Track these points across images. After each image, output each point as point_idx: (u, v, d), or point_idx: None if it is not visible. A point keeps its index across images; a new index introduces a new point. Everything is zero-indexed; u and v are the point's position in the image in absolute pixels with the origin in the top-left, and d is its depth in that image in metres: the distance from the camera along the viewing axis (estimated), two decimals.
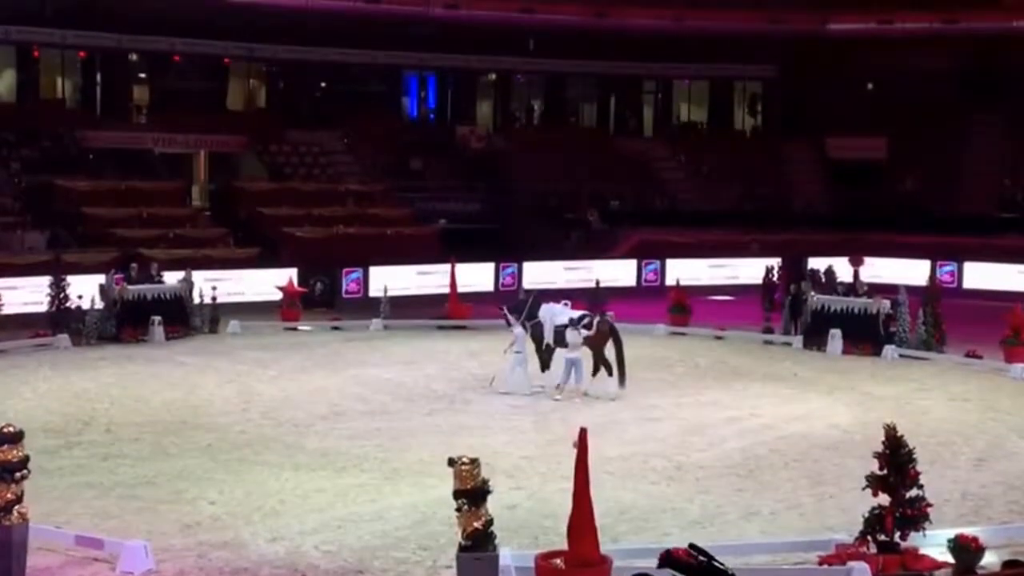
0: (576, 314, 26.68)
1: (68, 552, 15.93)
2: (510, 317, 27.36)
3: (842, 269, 39.83)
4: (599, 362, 26.49)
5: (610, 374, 26.43)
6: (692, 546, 9.97)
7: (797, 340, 33.74)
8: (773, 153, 57.57)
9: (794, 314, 34.66)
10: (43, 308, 33.36)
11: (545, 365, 26.96)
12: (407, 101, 58.58)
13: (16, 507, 14.72)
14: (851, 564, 15.04)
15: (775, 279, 39.62)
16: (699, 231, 49.81)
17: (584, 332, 25.94)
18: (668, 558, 9.72)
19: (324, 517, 17.68)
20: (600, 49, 55.36)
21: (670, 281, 42.39)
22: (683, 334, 35.39)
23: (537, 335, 26.98)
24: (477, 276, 42.70)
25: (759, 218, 51.73)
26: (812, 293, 34.16)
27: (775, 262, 41.12)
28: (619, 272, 45.75)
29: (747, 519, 17.94)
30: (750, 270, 43.97)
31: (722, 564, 9.70)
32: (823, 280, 36.84)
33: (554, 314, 26.83)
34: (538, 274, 44.27)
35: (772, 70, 59.43)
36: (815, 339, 33.23)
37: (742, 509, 18.38)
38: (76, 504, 18.14)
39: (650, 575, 9.68)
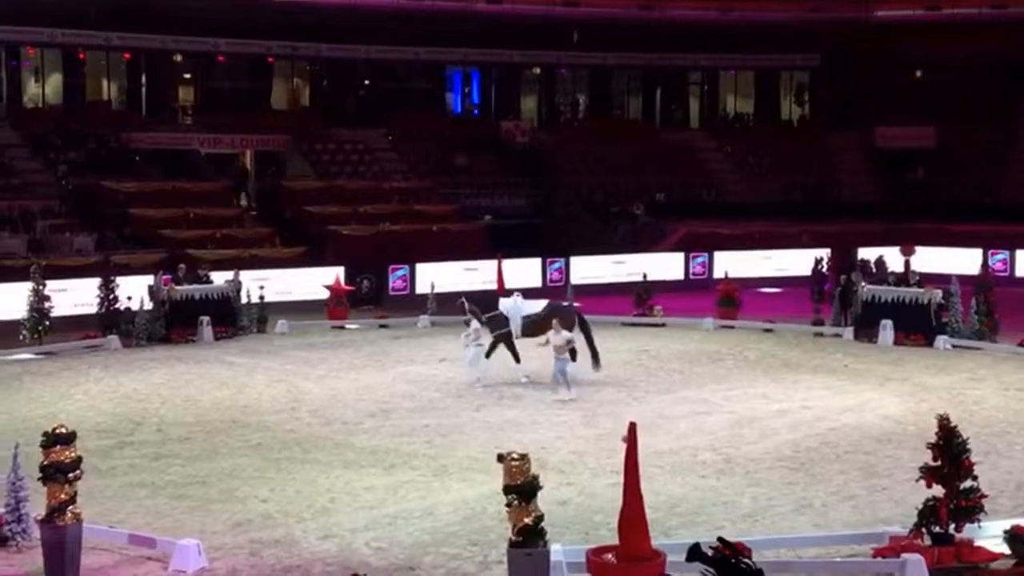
0: (538, 307, 27.40)
1: (121, 551, 16.12)
2: (475, 311, 27.49)
3: (893, 259, 39.64)
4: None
5: (573, 359, 26.28)
6: (721, 540, 9.96)
7: (848, 331, 33.60)
8: (820, 143, 57.30)
9: (844, 305, 34.52)
10: (93, 310, 33.71)
11: (516, 358, 27.62)
12: (451, 97, 58.72)
13: (70, 507, 14.93)
14: (905, 556, 14.97)
15: (825, 270, 39.45)
16: (747, 223, 49.66)
17: (566, 333, 25.88)
18: (695, 553, 9.73)
19: (374, 514, 17.79)
20: (645, 41, 55.30)
21: (718, 274, 42.32)
22: (732, 327, 35.29)
23: (498, 328, 27.52)
24: (524, 272, 42.69)
25: (807, 209, 51.50)
26: (862, 283, 34.00)
27: (824, 253, 40.96)
28: (666, 265, 45.64)
29: (799, 512, 17.90)
30: (799, 261, 43.76)
31: (750, 562, 9.68)
32: (873, 270, 36.68)
33: (518, 308, 27.49)
34: (585, 269, 44.27)
35: (819, 59, 59.13)
36: (866, 330, 33.06)
37: (794, 502, 18.34)
38: (129, 504, 18.34)
39: (703, 549, 9.69)
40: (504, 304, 27.82)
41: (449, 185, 50.60)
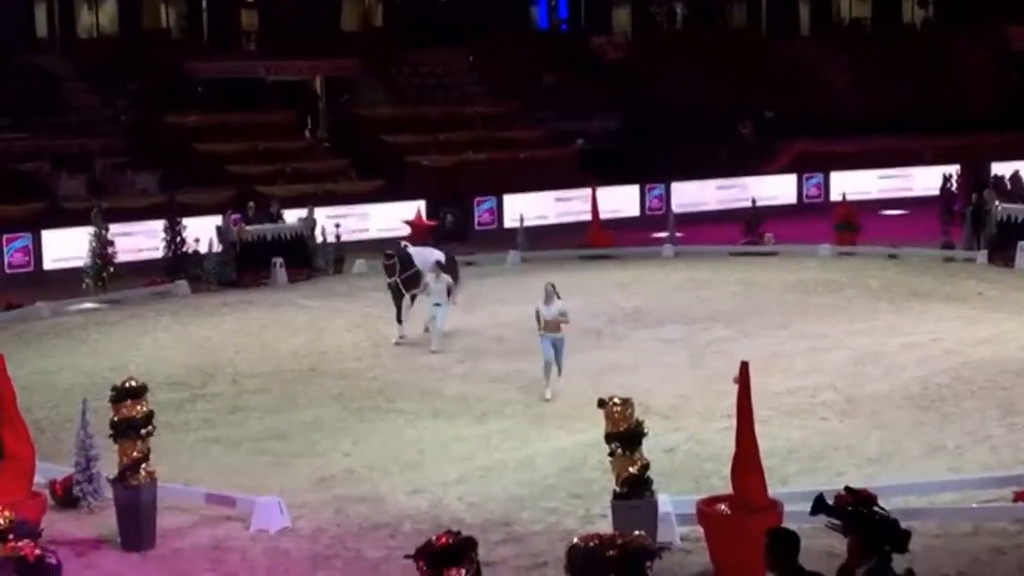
0: (440, 255, 26.47)
1: (199, 511, 16.43)
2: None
3: None
4: None
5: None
6: (847, 489, 9.91)
7: (981, 255, 33.18)
8: (947, 48, 56.23)
9: (977, 226, 34.05)
10: (159, 254, 34.18)
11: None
12: (536, 12, 58.37)
13: (143, 465, 15.24)
14: None
15: (954, 189, 38.90)
16: (866, 139, 48.95)
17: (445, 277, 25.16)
18: (820, 504, 9.69)
19: (466, 467, 17.95)
20: None
21: (835, 196, 41.92)
22: (852, 254, 34.98)
23: (414, 282, 26.15)
24: (621, 200, 42.56)
25: (933, 121, 50.61)
26: (996, 202, 33.52)
27: (953, 170, 40.32)
28: (777, 188, 45.24)
29: (930, 455, 17.80)
30: (925, 180, 43.19)
31: (884, 511, 9.63)
32: (1008, 187, 36.08)
33: (425, 257, 26.40)
34: (687, 195, 44.02)
35: None
36: (1001, 253, 32.65)
37: (924, 444, 18.23)
38: (204, 460, 18.68)
39: (826, 500, 9.65)
40: (416, 258, 26.68)
41: (536, 108, 50.39)
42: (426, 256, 26.23)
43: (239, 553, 15.05)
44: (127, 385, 15.40)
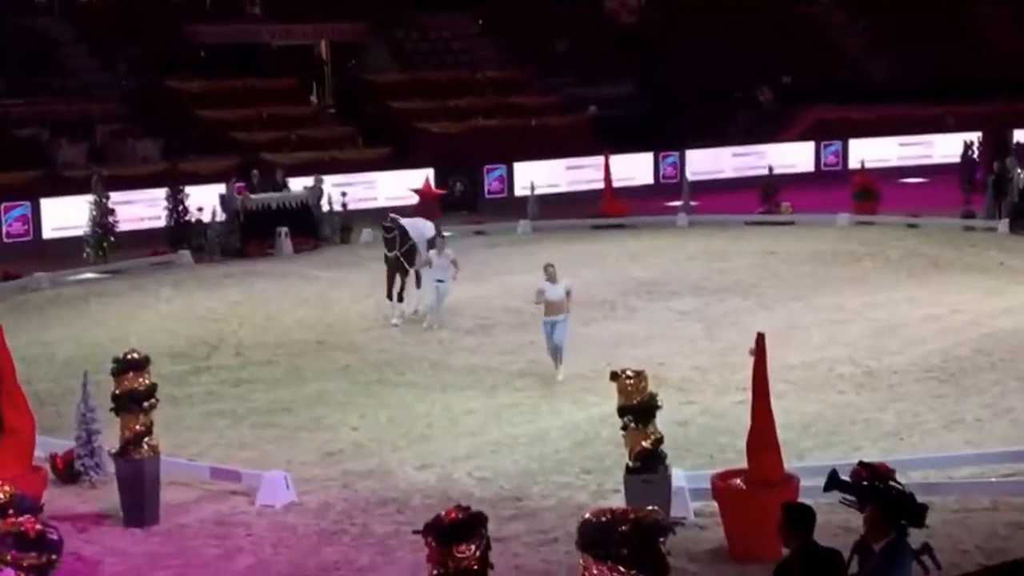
0: (431, 229, 25.82)
1: (203, 485, 16.50)
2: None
3: None
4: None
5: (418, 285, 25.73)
6: (862, 464, 9.94)
7: (1003, 224, 33.14)
8: (969, 13, 56.00)
9: (998, 195, 34.01)
10: (161, 223, 34.23)
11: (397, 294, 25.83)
12: None
13: (146, 439, 15.28)
14: None
15: (975, 156, 38.85)
16: (885, 106, 48.82)
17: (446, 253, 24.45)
18: (834, 480, 9.73)
19: (476, 441, 17.99)
20: None
21: (854, 164, 41.81)
22: (870, 224, 34.94)
23: (412, 257, 25.57)
24: (634, 168, 42.57)
25: (954, 88, 50.48)
26: (1019, 170, 33.45)
27: (975, 137, 40.28)
28: (795, 156, 45.23)
29: (949, 428, 17.81)
30: (946, 147, 43.12)
31: (899, 484, 9.66)
32: None
33: (419, 230, 25.81)
34: (702, 163, 43.97)
35: None
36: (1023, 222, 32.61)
37: (943, 417, 18.25)
38: (209, 434, 18.74)
39: (840, 476, 9.68)
40: (411, 231, 25.95)
41: (548, 74, 50.27)
42: (419, 229, 25.84)
43: (244, 528, 15.11)
44: (129, 357, 15.43)
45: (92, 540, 14.86)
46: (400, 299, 25.42)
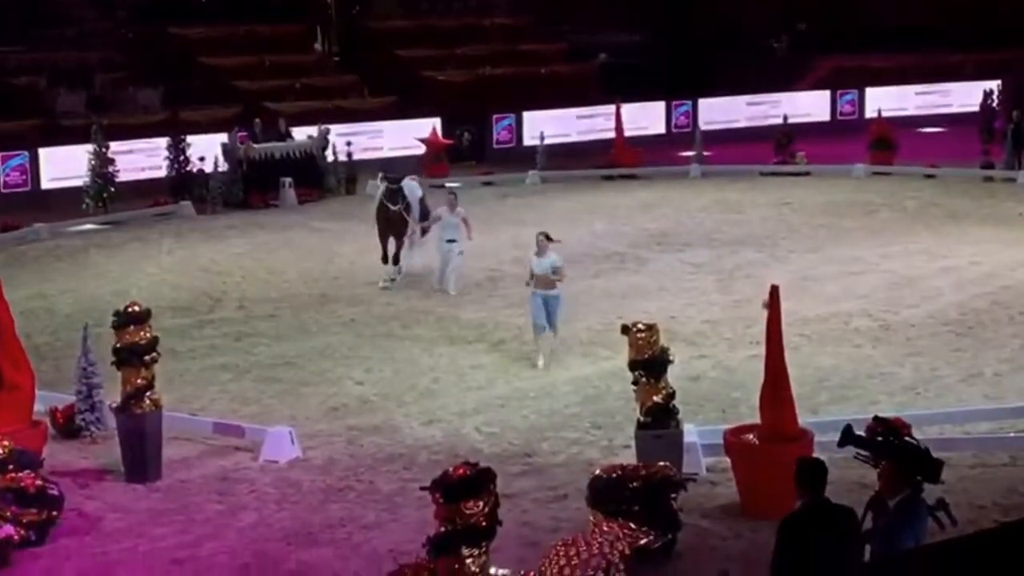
0: (419, 188, 24.92)
1: (206, 441, 16.52)
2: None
3: None
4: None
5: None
6: (877, 418, 9.94)
7: (1022, 175, 33.08)
8: None
9: (1017, 145, 33.92)
10: (162, 173, 34.19)
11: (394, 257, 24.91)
12: None
13: (147, 393, 15.29)
14: None
15: (995, 105, 38.64)
16: (903, 54, 48.60)
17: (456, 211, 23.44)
18: (848, 435, 9.72)
19: (484, 396, 18.00)
20: None
21: (870, 113, 41.63)
22: (887, 174, 34.86)
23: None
24: (646, 117, 42.40)
25: (973, 35, 50.18)
26: None
27: (994, 85, 40.04)
28: (810, 105, 45.04)
29: (967, 382, 17.80)
30: (964, 96, 42.89)
31: (914, 440, 9.65)
32: None
33: (411, 188, 24.96)
34: (715, 112, 43.81)
35: None
36: None
37: (961, 371, 18.24)
38: (211, 389, 18.76)
39: (855, 431, 9.68)
40: (406, 190, 25.04)
41: (557, 20, 50.05)
42: (412, 189, 25.04)
43: (248, 485, 15.13)
44: (130, 310, 15.42)
45: (93, 496, 14.89)
46: (396, 261, 24.74)
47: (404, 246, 24.76)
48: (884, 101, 41.84)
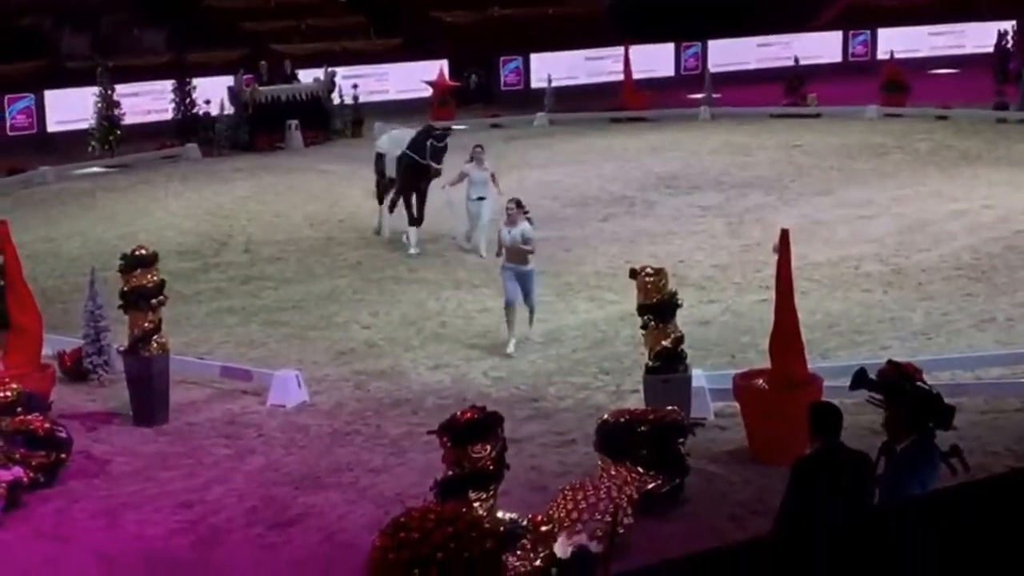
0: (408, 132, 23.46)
1: (213, 384, 16.59)
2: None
3: None
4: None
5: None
6: (891, 362, 9.93)
7: None
8: None
9: None
10: (168, 116, 34.14)
11: (393, 205, 23.83)
12: None
13: (155, 337, 15.34)
14: None
15: (1009, 46, 38.46)
16: None
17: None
18: (861, 378, 9.71)
19: (491, 340, 18.01)
20: None
21: (882, 54, 41.44)
22: (899, 116, 34.72)
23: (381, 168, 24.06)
24: (655, 59, 42.21)
25: None
26: None
27: (1008, 26, 39.82)
28: (822, 46, 44.79)
29: (979, 328, 17.79)
30: (978, 37, 42.67)
31: (926, 385, 9.65)
32: None
33: (396, 140, 23.78)
34: (725, 53, 43.61)
35: None
36: None
37: (973, 316, 18.22)
38: (218, 332, 18.82)
39: (868, 375, 9.68)
40: (382, 140, 24.42)
41: None
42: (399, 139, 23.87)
43: (255, 429, 15.20)
44: (137, 253, 15.45)
45: (101, 439, 14.97)
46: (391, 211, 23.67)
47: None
48: (897, 42, 41.63)
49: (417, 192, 23.05)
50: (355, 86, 35.61)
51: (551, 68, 38.95)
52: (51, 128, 35.02)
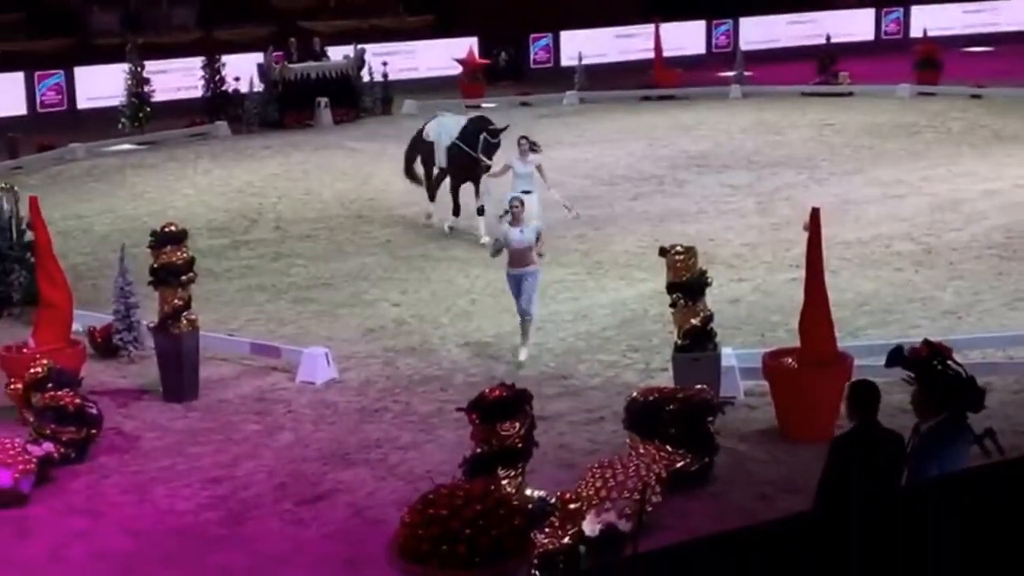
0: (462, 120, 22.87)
1: (243, 361, 16.67)
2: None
3: None
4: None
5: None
6: (927, 342, 9.92)
7: None
8: None
9: None
10: (197, 93, 34.23)
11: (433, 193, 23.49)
12: None
13: (184, 313, 15.41)
14: None
15: None
16: None
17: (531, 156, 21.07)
18: (897, 356, 9.71)
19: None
20: None
21: (916, 32, 41.29)
22: (932, 94, 34.57)
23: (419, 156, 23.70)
24: (686, 37, 42.15)
25: None
26: None
27: None
28: (854, 24, 44.65)
29: (1011, 307, 17.73)
30: (1013, 14, 42.47)
31: (959, 367, 9.62)
32: None
33: (446, 127, 23.12)
34: (756, 31, 43.50)
35: None
36: None
37: (1005, 296, 18.17)
38: (248, 309, 18.90)
39: (904, 354, 9.67)
40: (429, 127, 23.68)
41: None
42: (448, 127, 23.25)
43: (284, 405, 15.27)
44: (167, 230, 15.51)
45: (131, 415, 15.07)
46: (482, 211, 22.34)
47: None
48: (930, 19, 41.51)
49: (472, 182, 22.41)
50: (384, 64, 35.62)
51: (581, 46, 38.92)
52: (81, 105, 35.20)
